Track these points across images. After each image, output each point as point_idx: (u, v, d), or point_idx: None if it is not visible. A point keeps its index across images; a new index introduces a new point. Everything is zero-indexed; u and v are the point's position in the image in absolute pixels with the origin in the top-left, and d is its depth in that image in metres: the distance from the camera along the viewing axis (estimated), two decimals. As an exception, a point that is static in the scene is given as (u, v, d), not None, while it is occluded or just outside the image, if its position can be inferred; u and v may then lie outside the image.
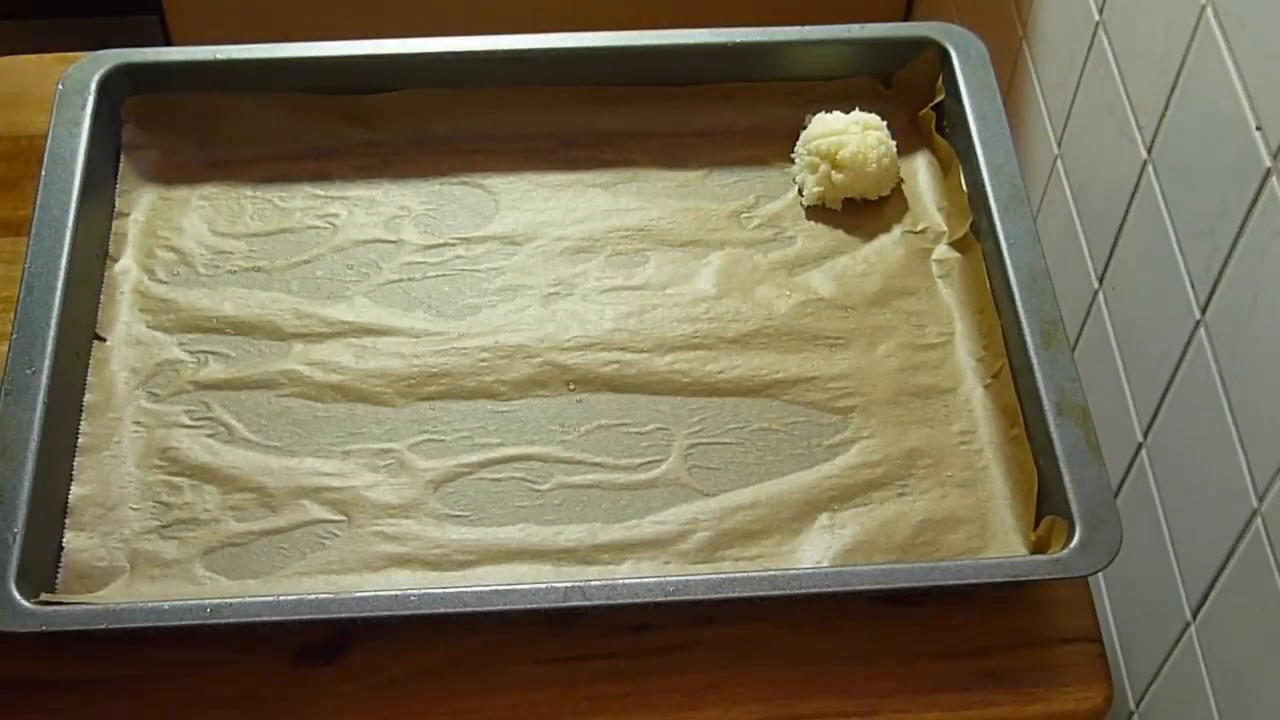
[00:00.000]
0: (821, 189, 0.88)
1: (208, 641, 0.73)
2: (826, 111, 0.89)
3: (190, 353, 0.81)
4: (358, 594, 0.70)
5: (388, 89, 0.90)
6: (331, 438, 0.78)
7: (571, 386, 0.80)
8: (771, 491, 0.77)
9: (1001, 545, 0.75)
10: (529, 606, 0.70)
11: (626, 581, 0.71)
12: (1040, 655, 0.74)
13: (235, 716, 0.71)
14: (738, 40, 0.91)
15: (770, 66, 0.92)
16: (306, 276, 0.85)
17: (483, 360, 0.81)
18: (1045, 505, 0.75)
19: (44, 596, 0.71)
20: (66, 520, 0.75)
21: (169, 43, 1.59)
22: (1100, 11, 0.98)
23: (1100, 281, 1.01)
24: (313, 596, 0.71)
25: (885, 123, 0.88)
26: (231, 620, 0.69)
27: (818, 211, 0.88)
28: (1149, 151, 0.91)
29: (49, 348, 0.77)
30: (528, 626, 0.73)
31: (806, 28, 0.91)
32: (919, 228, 0.87)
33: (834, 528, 0.76)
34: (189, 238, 0.86)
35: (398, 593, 0.70)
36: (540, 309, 0.83)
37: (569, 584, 0.70)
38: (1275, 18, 0.76)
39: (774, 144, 0.91)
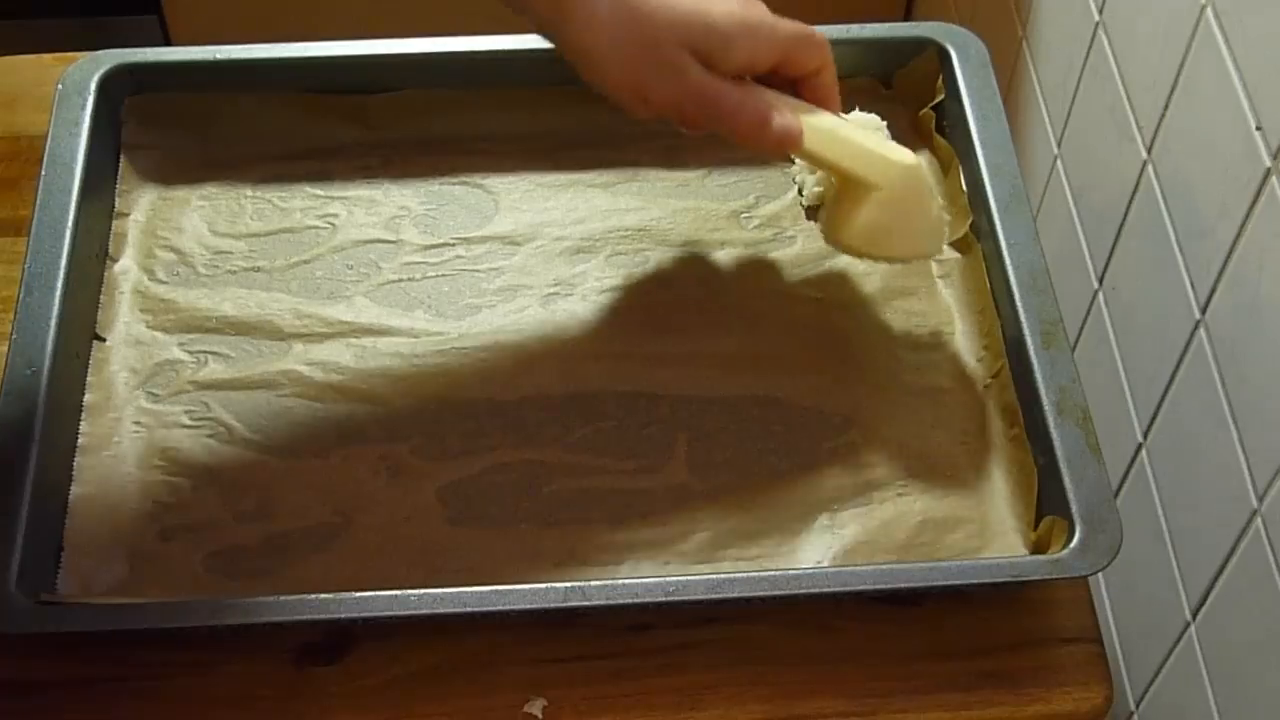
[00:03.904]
0: (821, 189, 0.87)
1: (208, 641, 0.73)
2: (826, 111, 0.89)
3: (190, 353, 0.81)
4: (358, 594, 0.70)
5: (388, 89, 0.90)
6: (331, 438, 0.78)
7: (571, 387, 0.80)
8: (771, 491, 0.77)
9: (1001, 545, 0.75)
10: (529, 607, 0.70)
11: (626, 582, 0.71)
12: (1040, 655, 0.74)
13: (235, 716, 0.71)
14: (738, 40, 0.91)
15: (770, 66, 0.92)
16: (306, 276, 0.85)
17: (483, 360, 0.81)
18: (1045, 505, 0.75)
19: (44, 596, 0.71)
20: (66, 520, 0.75)
21: (168, 43, 1.59)
22: (1100, 12, 0.98)
23: (1100, 281, 1.01)
24: (313, 596, 0.71)
25: (885, 123, 0.88)
26: (231, 620, 0.69)
27: (818, 211, 0.88)
28: (1149, 151, 0.91)
29: (49, 348, 0.77)
30: (528, 626, 0.74)
31: (806, 28, 0.91)
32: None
33: (834, 528, 0.76)
34: (189, 238, 0.86)
35: (398, 593, 0.70)
36: (540, 309, 0.83)
37: (569, 584, 0.70)
38: (1275, 18, 0.76)
39: (774, 144, 0.91)
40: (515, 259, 0.86)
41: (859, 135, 0.78)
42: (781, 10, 0.76)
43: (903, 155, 0.78)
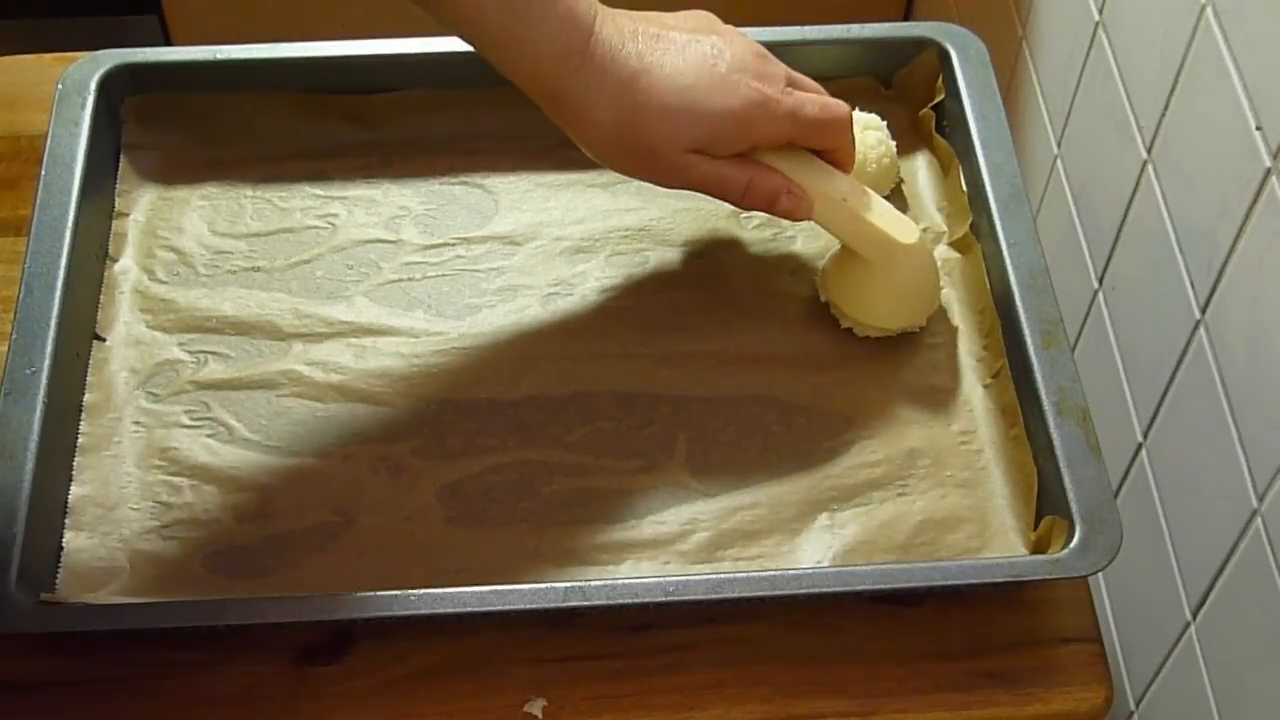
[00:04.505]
0: (821, 189, 0.87)
1: (208, 641, 0.73)
2: (826, 111, 0.89)
3: (190, 353, 0.81)
4: (358, 594, 0.70)
5: (388, 89, 0.90)
6: (331, 438, 0.78)
7: (571, 387, 0.80)
8: (771, 491, 0.77)
9: (1001, 545, 0.75)
10: (529, 606, 0.70)
11: (626, 581, 0.71)
12: (1040, 655, 0.74)
13: (235, 716, 0.71)
14: (738, 40, 0.91)
15: (770, 66, 0.92)
16: (306, 276, 0.85)
17: (483, 360, 0.81)
18: (1045, 505, 0.75)
19: (44, 596, 0.71)
20: (66, 520, 0.75)
21: (169, 43, 1.59)
22: (1100, 11, 0.98)
23: (1100, 281, 1.01)
24: (313, 596, 0.71)
25: (885, 123, 0.88)
26: (231, 620, 0.69)
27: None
28: (1149, 151, 0.91)
29: (49, 348, 0.77)
30: (528, 626, 0.74)
31: (806, 28, 0.91)
32: (919, 228, 0.87)
33: (834, 528, 0.76)
34: (189, 238, 0.86)
35: (398, 593, 0.70)
36: (540, 309, 0.83)
37: (569, 584, 0.70)
38: (1275, 18, 0.76)
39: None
40: (515, 259, 0.86)
41: (866, 206, 0.79)
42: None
43: (904, 233, 0.79)
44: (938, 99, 0.90)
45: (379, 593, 0.70)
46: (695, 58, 0.74)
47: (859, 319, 0.81)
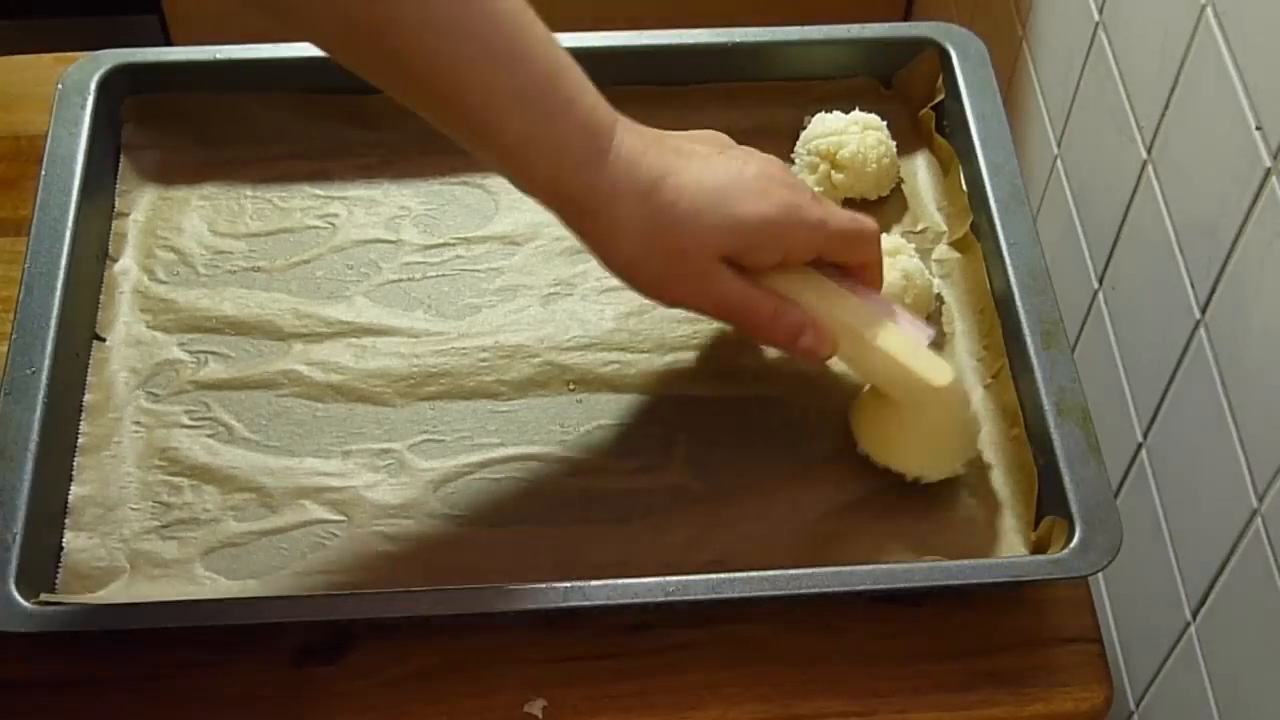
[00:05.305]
0: (821, 189, 0.87)
1: (208, 641, 0.73)
2: (826, 111, 0.89)
3: (190, 353, 0.81)
4: (358, 594, 0.70)
5: (388, 89, 0.90)
6: (331, 438, 0.78)
7: (571, 386, 0.80)
8: (771, 492, 0.77)
9: (1001, 545, 0.75)
10: (529, 607, 0.70)
11: (626, 581, 0.71)
12: (1040, 655, 0.74)
13: (235, 716, 0.71)
14: (737, 40, 0.91)
15: (770, 66, 0.92)
16: (306, 276, 0.85)
17: (482, 360, 0.81)
18: (1045, 505, 0.75)
19: (44, 596, 0.71)
20: (66, 520, 0.75)
21: (168, 43, 1.59)
22: (1100, 11, 0.98)
23: (1100, 281, 1.01)
24: (313, 596, 0.71)
25: (885, 123, 0.88)
26: (231, 620, 0.69)
27: (818, 211, 0.88)
28: (1149, 151, 0.91)
29: (49, 348, 0.77)
30: (528, 626, 0.74)
31: (806, 28, 0.91)
32: (919, 228, 0.87)
33: (834, 528, 0.76)
34: (189, 238, 0.86)
35: (398, 593, 0.70)
36: (540, 309, 0.83)
37: (569, 584, 0.70)
38: (1275, 18, 0.76)
39: (774, 144, 0.90)
40: (515, 259, 0.86)
41: (895, 341, 0.73)
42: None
43: (936, 374, 0.73)
44: (938, 99, 0.90)
45: (379, 592, 0.70)
46: (721, 165, 0.71)
47: (890, 464, 0.76)
